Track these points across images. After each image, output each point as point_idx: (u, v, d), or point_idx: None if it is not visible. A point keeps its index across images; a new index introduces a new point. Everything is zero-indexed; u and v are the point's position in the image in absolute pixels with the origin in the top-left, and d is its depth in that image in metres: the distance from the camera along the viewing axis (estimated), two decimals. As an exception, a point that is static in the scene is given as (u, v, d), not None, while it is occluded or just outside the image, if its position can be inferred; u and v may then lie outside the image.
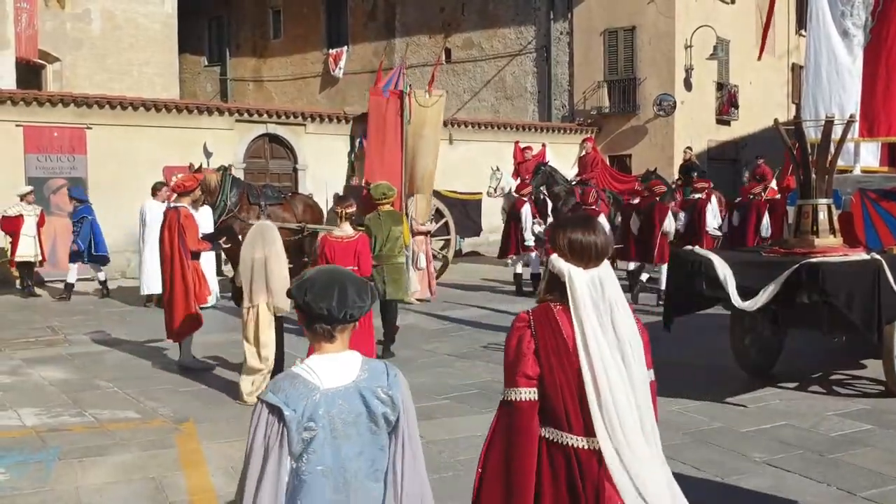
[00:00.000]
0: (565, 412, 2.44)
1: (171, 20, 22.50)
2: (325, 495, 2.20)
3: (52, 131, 14.17)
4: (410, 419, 2.35)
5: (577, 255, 2.50)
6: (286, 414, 2.18)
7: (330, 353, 2.31)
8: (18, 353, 8.74)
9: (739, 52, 22.94)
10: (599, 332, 2.43)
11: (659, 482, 2.48)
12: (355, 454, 2.25)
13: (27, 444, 5.69)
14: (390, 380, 2.32)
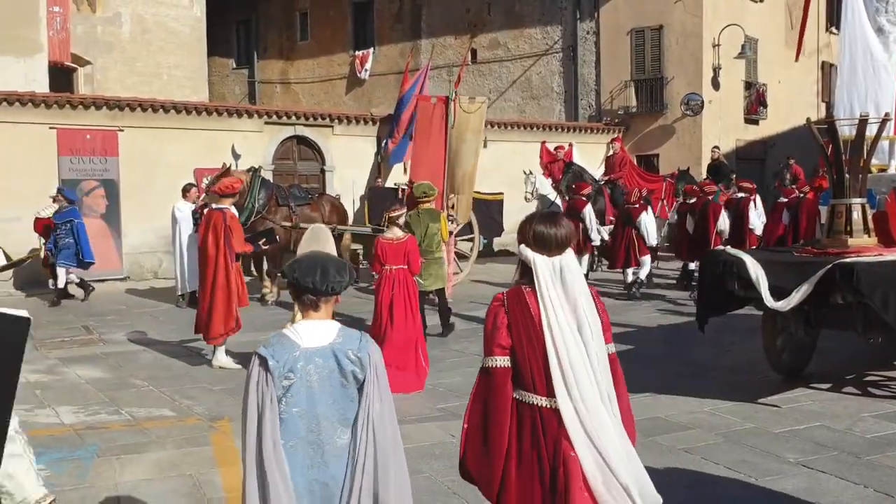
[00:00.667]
0: (532, 377, 2.88)
1: (200, 23, 22.74)
2: (300, 432, 2.73)
3: (84, 134, 14.38)
4: (380, 378, 2.81)
5: (541, 244, 2.93)
6: (270, 364, 2.71)
7: (314, 320, 2.83)
8: (54, 352, 8.89)
9: (768, 50, 22.74)
10: (560, 311, 2.86)
11: (612, 437, 2.88)
12: (328, 402, 2.75)
13: (66, 441, 5.79)
14: (360, 345, 2.81)
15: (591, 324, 2.91)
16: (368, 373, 2.78)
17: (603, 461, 2.85)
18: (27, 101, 13.94)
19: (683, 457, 5.40)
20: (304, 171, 17.20)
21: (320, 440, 2.75)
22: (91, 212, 14.22)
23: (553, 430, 2.87)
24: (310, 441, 2.74)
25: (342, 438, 2.77)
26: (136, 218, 14.50)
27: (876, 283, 5.99)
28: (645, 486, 2.97)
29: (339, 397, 2.77)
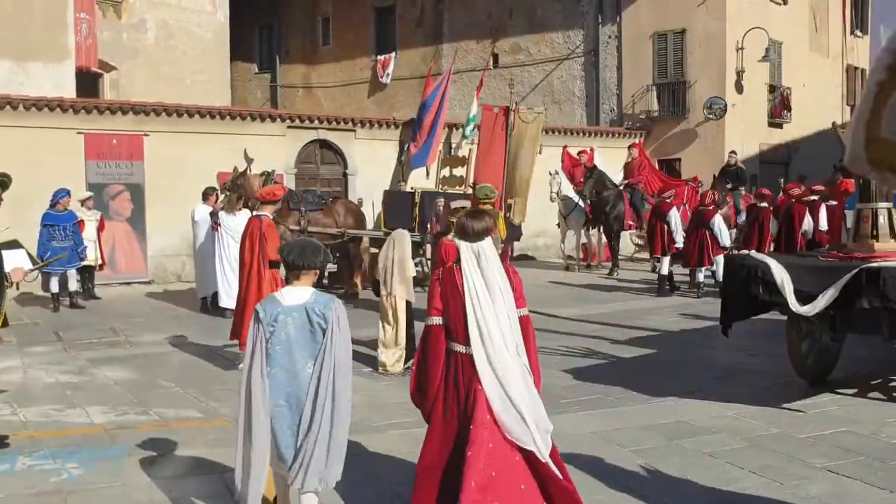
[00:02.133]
0: (456, 330, 3.79)
1: (224, 29, 22.96)
2: (281, 362, 3.92)
3: (111, 138, 14.56)
4: (342, 329, 3.92)
5: (464, 234, 3.84)
6: (260, 315, 3.94)
7: (294, 286, 4.03)
8: (83, 353, 9.02)
9: (792, 53, 22.62)
10: (478, 282, 3.76)
11: (515, 376, 3.71)
12: (300, 342, 3.92)
13: (97, 440, 5.89)
14: (325, 305, 3.95)
15: (503, 292, 3.77)
16: (331, 324, 3.89)
17: (504, 394, 3.70)
18: (55, 107, 14.15)
19: (708, 461, 5.41)
20: (327, 175, 17.31)
21: (295, 369, 3.91)
22: (117, 216, 14.40)
23: (469, 370, 3.76)
24: (287, 368, 3.91)
25: (309, 368, 3.91)
26: (161, 221, 14.66)
27: (902, 287, 5.96)
28: (539, 414, 3.78)
29: (308, 340, 3.93)
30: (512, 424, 3.66)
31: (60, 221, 12.10)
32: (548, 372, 7.95)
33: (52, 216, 12.10)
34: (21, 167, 13.58)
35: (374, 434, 5.97)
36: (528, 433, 3.66)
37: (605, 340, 9.63)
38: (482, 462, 3.58)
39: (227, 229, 11.49)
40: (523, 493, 3.63)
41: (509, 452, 3.65)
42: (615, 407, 6.78)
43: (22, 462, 5.39)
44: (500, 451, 3.63)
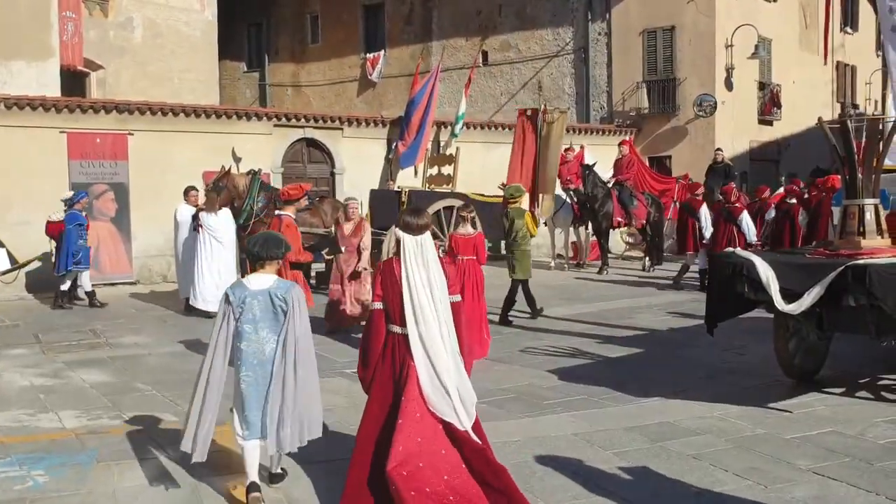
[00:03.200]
0: (393, 314, 4.33)
1: (212, 27, 22.77)
2: (250, 336, 4.60)
3: (94, 138, 14.39)
4: (301, 310, 4.63)
5: (406, 228, 4.35)
6: (230, 297, 4.62)
7: (259, 274, 4.71)
8: (61, 355, 8.87)
9: (782, 50, 22.55)
10: (417, 271, 4.27)
11: (442, 354, 4.26)
12: (265, 321, 4.61)
13: (66, 446, 5.75)
14: (285, 290, 4.63)
15: (437, 280, 4.30)
16: (290, 306, 4.58)
17: (433, 370, 4.24)
18: (38, 105, 13.97)
19: (692, 463, 5.30)
20: (314, 173, 17.14)
21: (261, 344, 4.61)
22: (101, 215, 14.23)
23: (403, 348, 4.31)
24: (254, 343, 4.61)
25: (272, 343, 4.60)
26: (146, 221, 14.51)
27: (890, 285, 5.86)
28: (465, 388, 4.33)
29: (271, 320, 4.62)
30: (437, 399, 4.25)
31: (85, 221, 12.37)
32: (532, 372, 7.87)
33: (79, 216, 12.21)
34: (3, 167, 13.45)
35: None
36: (450, 406, 4.25)
37: (592, 340, 9.52)
38: (409, 430, 4.18)
39: (208, 229, 11.35)
40: (444, 456, 4.22)
41: (433, 422, 4.24)
42: (600, 408, 6.67)
43: (-13, 469, 5.25)
44: (425, 420, 4.23)
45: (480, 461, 4.24)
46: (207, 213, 11.41)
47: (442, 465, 4.18)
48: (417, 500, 4.04)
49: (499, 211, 16.12)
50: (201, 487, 4.94)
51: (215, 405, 4.68)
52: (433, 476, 4.14)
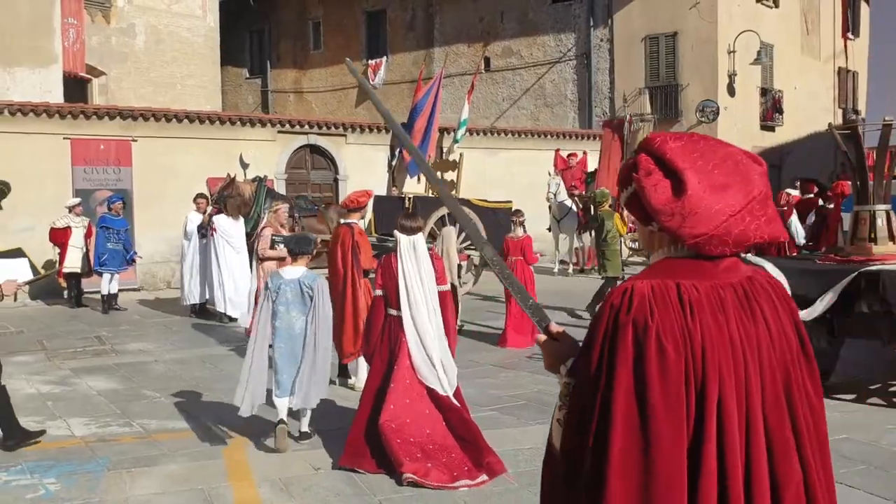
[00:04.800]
0: (391, 299, 5.35)
1: (214, 33, 22.80)
2: (283, 316, 5.64)
3: (98, 144, 14.38)
4: (324, 297, 5.73)
5: (402, 229, 5.42)
6: (269, 284, 5.71)
7: (293, 266, 5.85)
8: (67, 362, 8.83)
9: (784, 56, 22.56)
10: (410, 264, 5.32)
11: (430, 333, 5.28)
12: (295, 304, 5.67)
13: (76, 454, 5.71)
14: (312, 280, 5.70)
15: (427, 272, 5.33)
16: (315, 293, 5.67)
17: (421, 343, 5.25)
18: (41, 112, 13.97)
19: (706, 470, 5.26)
20: (317, 180, 17.14)
21: (291, 322, 5.67)
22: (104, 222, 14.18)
23: (397, 328, 5.30)
24: (287, 321, 5.66)
25: (301, 322, 5.67)
26: (150, 228, 14.49)
27: (902, 291, 5.84)
28: (447, 359, 5.33)
29: (300, 303, 5.69)
30: (423, 368, 5.23)
31: (115, 225, 12.49)
32: (540, 378, 7.82)
33: (108, 219, 12.45)
34: (6, 173, 13.42)
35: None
36: (434, 374, 5.24)
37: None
38: (400, 392, 5.18)
39: (223, 233, 11.38)
40: (427, 415, 5.20)
41: (419, 388, 5.23)
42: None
43: (-2, 477, 5.21)
44: (413, 386, 5.22)
45: (457, 420, 5.22)
46: (227, 217, 11.47)
47: (425, 422, 5.17)
48: (403, 447, 5.04)
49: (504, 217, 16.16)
50: (213, 495, 4.91)
51: (259, 370, 5.59)
52: (417, 430, 5.14)
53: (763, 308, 1.76)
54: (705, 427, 1.65)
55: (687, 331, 1.67)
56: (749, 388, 1.70)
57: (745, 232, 1.72)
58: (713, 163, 1.74)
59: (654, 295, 1.69)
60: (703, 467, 1.65)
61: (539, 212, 16.74)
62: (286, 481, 5.10)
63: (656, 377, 1.64)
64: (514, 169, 18.31)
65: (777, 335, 1.76)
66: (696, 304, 1.69)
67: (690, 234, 1.71)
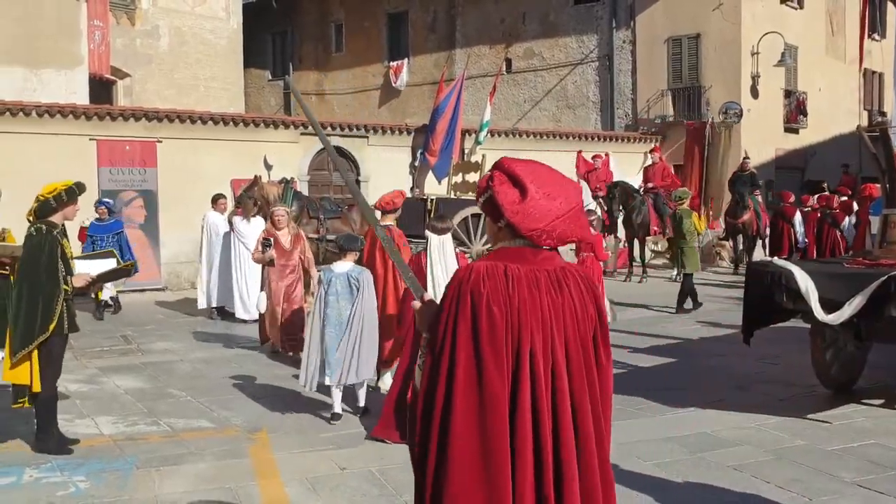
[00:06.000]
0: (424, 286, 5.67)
1: (237, 35, 22.94)
2: (334, 305, 6.45)
3: (124, 145, 14.52)
4: (369, 288, 6.56)
5: (433, 230, 6.13)
6: (322, 278, 6.61)
7: (343, 262, 6.65)
8: (94, 361, 8.92)
9: (808, 58, 22.36)
10: (438, 260, 6.03)
11: None
12: (344, 295, 6.44)
13: (105, 452, 5.77)
14: (359, 274, 6.52)
15: (453, 268, 5.71)
16: (362, 284, 6.43)
17: None
18: (68, 113, 14.12)
19: (733, 474, 5.24)
20: (339, 181, 17.18)
21: (340, 311, 6.41)
22: (130, 222, 14.30)
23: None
24: (336, 310, 6.41)
25: (348, 310, 6.40)
26: (174, 228, 14.60)
27: (933, 295, 5.77)
28: None
29: (348, 294, 6.43)
30: None
31: (101, 232, 11.74)
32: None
33: (94, 227, 11.76)
34: (33, 174, 13.57)
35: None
36: None
37: (621, 349, 9.43)
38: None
39: (239, 235, 11.41)
40: None
41: None
42: (636, 418, 6.61)
43: (28, 474, 5.28)
44: None
45: None
46: (242, 219, 11.48)
47: None
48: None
49: None
50: (240, 493, 4.94)
51: (317, 351, 6.44)
52: None
53: (570, 288, 2.39)
54: (520, 365, 2.28)
55: (508, 298, 2.29)
56: (553, 342, 2.33)
57: (565, 231, 2.38)
58: (546, 180, 2.41)
59: (487, 272, 2.32)
60: (519, 394, 2.28)
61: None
62: (313, 481, 5.14)
63: (486, 330, 2.26)
64: (536, 171, 18.26)
65: (580, 308, 2.38)
66: (517, 280, 2.31)
67: (528, 228, 2.35)
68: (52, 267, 5.57)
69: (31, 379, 5.63)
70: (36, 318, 5.53)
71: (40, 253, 5.58)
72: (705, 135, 18.49)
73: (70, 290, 5.70)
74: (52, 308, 5.56)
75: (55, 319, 5.57)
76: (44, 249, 5.58)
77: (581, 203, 2.45)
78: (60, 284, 5.60)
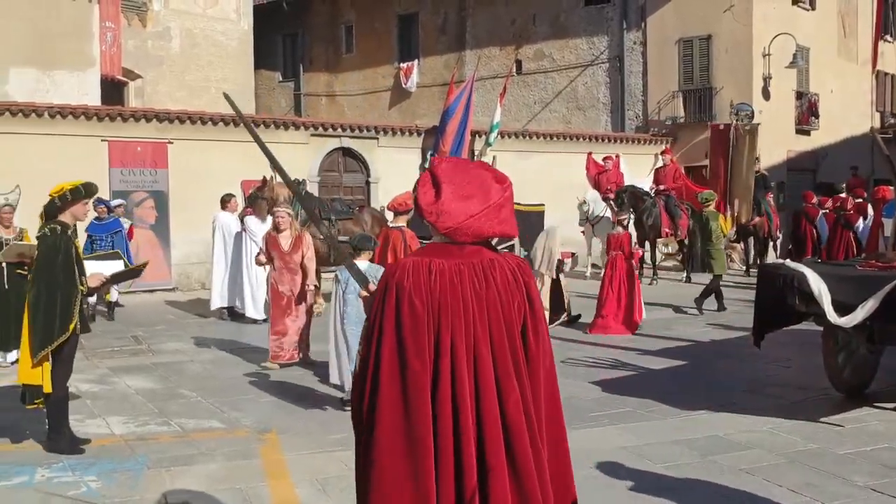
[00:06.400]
0: None
1: (248, 37, 23.01)
2: (351, 302, 6.61)
3: (135, 146, 14.58)
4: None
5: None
6: (339, 277, 6.92)
7: (358, 260, 6.65)
8: (105, 361, 8.96)
9: (820, 59, 22.26)
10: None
11: None
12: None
13: (117, 452, 5.79)
14: (375, 271, 6.28)
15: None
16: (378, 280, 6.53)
17: None
18: (80, 115, 14.19)
19: (745, 478, 5.20)
20: (350, 182, 17.23)
21: (359, 308, 6.15)
22: (141, 223, 14.38)
23: None
24: (356, 308, 6.40)
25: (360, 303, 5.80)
26: (185, 229, 14.65)
27: (947, 298, 5.73)
28: None
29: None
30: None
31: (99, 232, 11.61)
32: (575, 383, 7.79)
33: (93, 227, 11.66)
34: (45, 175, 13.63)
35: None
36: None
37: (632, 351, 9.42)
38: None
39: (252, 235, 11.45)
40: None
41: None
42: (646, 420, 6.59)
43: (40, 474, 5.30)
44: None
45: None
46: (256, 218, 11.51)
47: None
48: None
49: (538, 219, 16.13)
50: (251, 494, 4.95)
51: (344, 350, 6.71)
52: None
53: (496, 280, 2.52)
54: (441, 353, 2.44)
55: (430, 291, 2.45)
56: (476, 331, 2.47)
57: (480, 228, 2.54)
58: (466, 180, 2.56)
59: (413, 267, 2.50)
60: (440, 380, 2.43)
61: (571, 214, 16.69)
62: (323, 481, 5.13)
63: (408, 322, 2.44)
64: (547, 172, 18.25)
65: (506, 298, 2.51)
66: (440, 274, 2.48)
67: (442, 226, 2.54)
68: (68, 267, 5.58)
69: (42, 379, 5.65)
70: (55, 318, 5.54)
71: (56, 253, 5.60)
72: (729, 137, 18.38)
73: (85, 290, 5.71)
74: (71, 309, 5.57)
75: (74, 320, 5.59)
76: (60, 249, 5.59)
77: (502, 201, 2.56)
78: (77, 285, 5.61)
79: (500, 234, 2.62)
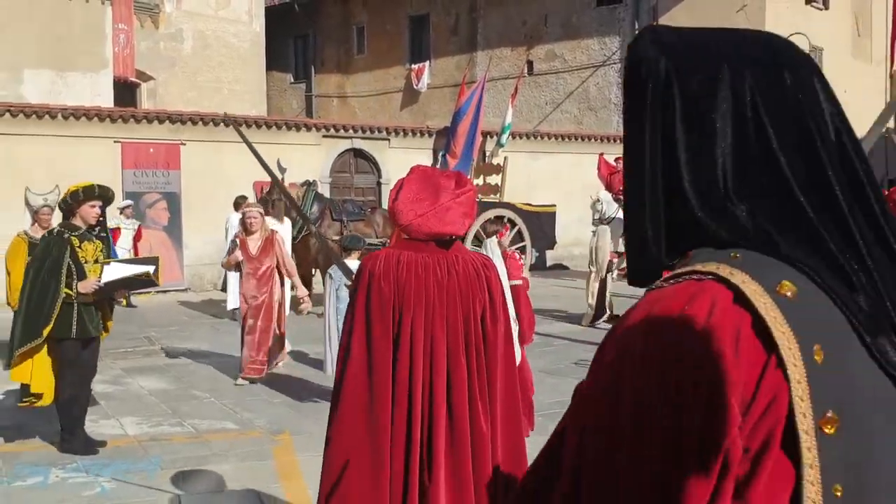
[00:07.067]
0: None
1: (259, 39, 23.08)
2: (344, 299, 6.23)
3: (148, 147, 14.64)
4: None
5: (486, 233, 6.92)
6: (333, 276, 6.99)
7: (350, 259, 7.05)
8: (118, 362, 8.98)
9: (834, 59, 22.14)
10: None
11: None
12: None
13: (130, 452, 5.80)
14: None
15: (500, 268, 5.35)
16: None
17: None
18: (93, 116, 14.26)
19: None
20: (361, 184, 17.24)
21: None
22: (153, 224, 14.45)
23: None
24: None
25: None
26: (198, 230, 14.70)
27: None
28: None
29: None
30: None
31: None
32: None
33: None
34: (59, 176, 13.72)
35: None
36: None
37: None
38: None
39: None
40: None
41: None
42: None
43: (55, 475, 5.32)
44: None
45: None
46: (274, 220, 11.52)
47: None
48: None
49: (549, 221, 16.12)
50: (264, 495, 4.95)
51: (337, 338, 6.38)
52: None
53: (458, 273, 2.90)
54: (402, 331, 2.84)
55: (397, 277, 2.85)
56: (434, 316, 2.86)
57: (428, 226, 2.88)
58: (424, 185, 2.92)
59: (385, 257, 2.90)
60: (399, 351, 2.84)
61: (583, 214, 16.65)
62: (336, 483, 5.13)
63: (376, 301, 2.85)
64: (558, 173, 18.23)
65: (466, 288, 2.89)
66: (407, 264, 2.87)
67: (398, 223, 2.95)
68: (55, 270, 5.55)
69: (31, 378, 5.69)
70: (38, 320, 5.55)
71: (47, 255, 5.61)
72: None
73: (74, 294, 5.59)
74: (49, 313, 5.53)
75: (51, 324, 5.54)
76: (51, 252, 5.61)
77: (450, 204, 2.88)
78: (61, 288, 5.55)
79: (448, 234, 2.92)
